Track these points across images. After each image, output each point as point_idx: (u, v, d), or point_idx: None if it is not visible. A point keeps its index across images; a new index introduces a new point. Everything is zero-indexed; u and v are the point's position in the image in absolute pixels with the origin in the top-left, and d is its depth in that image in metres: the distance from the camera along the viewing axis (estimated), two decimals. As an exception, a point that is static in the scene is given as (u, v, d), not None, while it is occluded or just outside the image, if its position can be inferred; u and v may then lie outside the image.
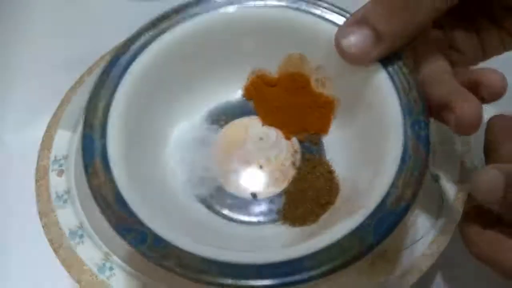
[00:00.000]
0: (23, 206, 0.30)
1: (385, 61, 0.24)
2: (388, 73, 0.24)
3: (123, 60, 0.25)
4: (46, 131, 0.29)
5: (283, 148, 0.28)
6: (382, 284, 0.23)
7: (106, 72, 0.25)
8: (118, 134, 0.23)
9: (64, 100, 0.30)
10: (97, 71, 0.30)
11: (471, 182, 0.20)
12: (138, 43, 0.26)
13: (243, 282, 0.18)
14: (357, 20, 0.23)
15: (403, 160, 0.21)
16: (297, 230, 0.24)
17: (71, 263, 0.24)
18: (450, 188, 0.26)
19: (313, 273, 0.18)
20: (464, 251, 0.22)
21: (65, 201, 0.26)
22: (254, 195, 0.27)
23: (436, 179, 0.27)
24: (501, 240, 0.21)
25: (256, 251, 0.20)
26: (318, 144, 0.28)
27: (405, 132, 0.22)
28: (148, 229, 0.20)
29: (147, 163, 0.25)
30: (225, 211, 0.26)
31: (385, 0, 0.22)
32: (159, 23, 0.26)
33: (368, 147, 0.25)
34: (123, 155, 0.23)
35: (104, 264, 0.24)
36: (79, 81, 0.31)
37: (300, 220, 0.25)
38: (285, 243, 0.22)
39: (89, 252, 0.24)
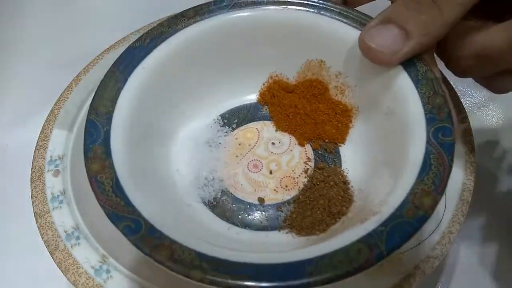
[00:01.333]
0: (20, 207, 0.29)
1: (409, 66, 0.22)
2: (413, 79, 0.22)
3: (138, 52, 0.25)
4: (42, 131, 0.28)
5: (295, 155, 0.27)
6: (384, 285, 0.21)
7: (118, 62, 0.24)
8: (124, 124, 0.22)
9: (61, 99, 0.30)
10: (94, 70, 0.30)
11: None
12: (154, 38, 0.25)
13: (237, 282, 0.16)
14: (382, 21, 0.22)
15: (423, 168, 0.19)
16: (303, 239, 0.23)
17: (67, 266, 0.23)
18: (454, 189, 0.25)
19: (312, 279, 0.16)
20: (469, 252, 0.21)
21: (61, 202, 0.25)
22: (261, 200, 0.25)
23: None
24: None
25: (254, 252, 0.18)
26: (334, 153, 0.27)
27: (428, 139, 0.20)
28: (144, 219, 0.19)
29: (152, 158, 0.24)
30: (228, 214, 0.24)
31: (410, 0, 0.21)
32: (177, 20, 0.26)
33: (388, 156, 0.23)
34: (127, 145, 0.22)
35: (101, 267, 0.23)
36: (76, 80, 0.30)
37: (307, 229, 0.23)
38: (288, 249, 0.20)
39: (86, 254, 0.23)
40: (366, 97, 0.26)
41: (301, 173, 0.26)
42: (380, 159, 0.24)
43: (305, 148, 0.27)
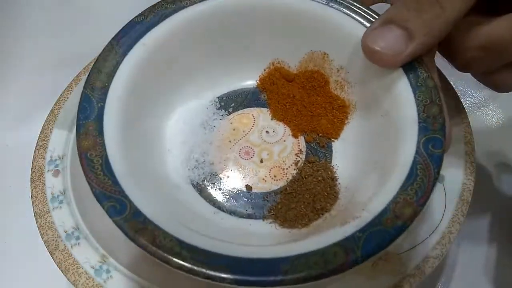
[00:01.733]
0: (20, 207, 0.29)
1: (409, 71, 0.22)
2: (411, 84, 0.22)
3: (139, 28, 0.24)
4: (42, 131, 0.28)
5: (288, 146, 0.27)
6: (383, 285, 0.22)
7: (118, 36, 0.24)
8: (119, 101, 0.22)
9: (61, 99, 0.29)
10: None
11: None
12: (157, 13, 0.25)
13: (214, 273, 0.17)
14: (384, 22, 0.21)
15: (408, 177, 0.19)
16: (285, 231, 0.23)
17: (67, 266, 0.23)
18: (454, 189, 0.25)
19: (286, 277, 0.17)
20: (469, 252, 0.21)
21: (61, 202, 0.25)
22: (249, 188, 0.25)
23: (440, 180, 0.25)
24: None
25: (234, 243, 0.19)
26: (326, 147, 0.27)
27: (417, 149, 0.20)
28: (130, 201, 0.19)
29: (145, 138, 0.25)
30: (215, 198, 0.25)
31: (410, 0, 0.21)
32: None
33: (378, 159, 0.23)
34: (120, 123, 0.22)
35: (101, 267, 0.23)
36: (76, 79, 0.30)
37: (291, 222, 0.23)
38: (269, 242, 0.21)
39: (86, 254, 0.23)
40: (364, 96, 0.26)
41: (291, 165, 0.26)
42: (370, 161, 0.24)
43: (298, 140, 0.27)
